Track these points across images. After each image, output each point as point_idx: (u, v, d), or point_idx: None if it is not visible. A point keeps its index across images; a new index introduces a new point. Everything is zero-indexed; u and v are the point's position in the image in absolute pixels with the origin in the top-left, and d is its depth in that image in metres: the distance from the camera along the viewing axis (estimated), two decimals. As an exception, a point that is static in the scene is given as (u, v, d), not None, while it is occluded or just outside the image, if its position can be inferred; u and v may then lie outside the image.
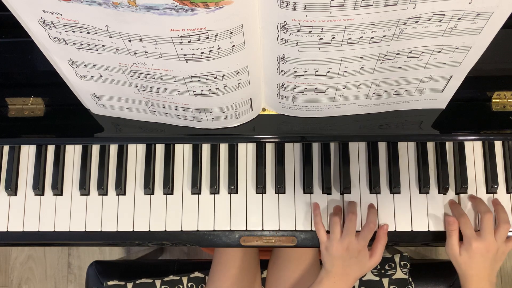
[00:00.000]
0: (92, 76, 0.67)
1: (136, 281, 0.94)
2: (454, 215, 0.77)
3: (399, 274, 0.90)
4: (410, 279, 0.90)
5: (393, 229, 0.80)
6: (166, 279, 0.94)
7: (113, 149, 0.85)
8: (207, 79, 0.62)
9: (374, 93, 0.70)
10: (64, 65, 0.65)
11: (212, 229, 0.81)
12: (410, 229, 0.80)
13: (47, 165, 0.85)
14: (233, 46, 0.57)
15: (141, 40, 0.56)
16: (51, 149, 0.85)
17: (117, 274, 0.98)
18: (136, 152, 0.85)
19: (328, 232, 0.77)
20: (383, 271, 0.91)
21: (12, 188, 0.83)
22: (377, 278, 0.90)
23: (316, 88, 0.67)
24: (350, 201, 0.80)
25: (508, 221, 0.75)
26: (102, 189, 0.83)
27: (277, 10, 0.53)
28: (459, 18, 0.55)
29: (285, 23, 0.54)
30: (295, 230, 0.81)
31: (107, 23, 0.54)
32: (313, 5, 0.51)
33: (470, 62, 0.64)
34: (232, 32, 0.55)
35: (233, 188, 0.82)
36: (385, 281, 0.90)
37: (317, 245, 0.81)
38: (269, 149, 0.84)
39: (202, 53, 0.57)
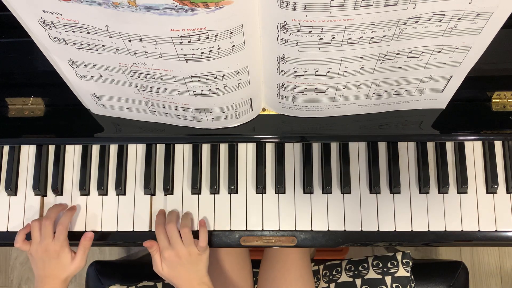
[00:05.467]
0: (92, 76, 0.67)
1: (137, 284, 0.93)
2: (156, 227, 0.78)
3: (402, 272, 0.90)
4: (412, 276, 0.90)
5: (393, 229, 0.80)
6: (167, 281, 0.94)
7: (113, 149, 0.85)
8: (207, 79, 0.62)
9: (374, 93, 0.70)
10: (64, 65, 0.65)
11: (212, 229, 0.81)
12: (410, 229, 0.80)
13: (47, 165, 0.85)
14: (233, 46, 0.57)
15: (141, 40, 0.56)
16: (51, 149, 0.85)
17: (118, 275, 0.98)
18: (136, 152, 0.85)
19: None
20: (385, 269, 0.91)
21: (12, 188, 0.83)
22: (380, 277, 0.90)
23: (316, 88, 0.67)
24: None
25: (188, 225, 0.77)
26: (102, 189, 0.82)
27: (277, 10, 0.53)
28: (459, 18, 0.55)
29: (285, 23, 0.54)
30: (295, 230, 0.81)
31: (107, 23, 0.54)
32: (313, 5, 0.51)
33: (470, 62, 0.64)
34: (232, 32, 0.55)
35: (233, 188, 0.82)
36: (388, 279, 0.90)
37: (317, 245, 0.81)
38: (269, 149, 0.84)
39: (202, 53, 0.57)
